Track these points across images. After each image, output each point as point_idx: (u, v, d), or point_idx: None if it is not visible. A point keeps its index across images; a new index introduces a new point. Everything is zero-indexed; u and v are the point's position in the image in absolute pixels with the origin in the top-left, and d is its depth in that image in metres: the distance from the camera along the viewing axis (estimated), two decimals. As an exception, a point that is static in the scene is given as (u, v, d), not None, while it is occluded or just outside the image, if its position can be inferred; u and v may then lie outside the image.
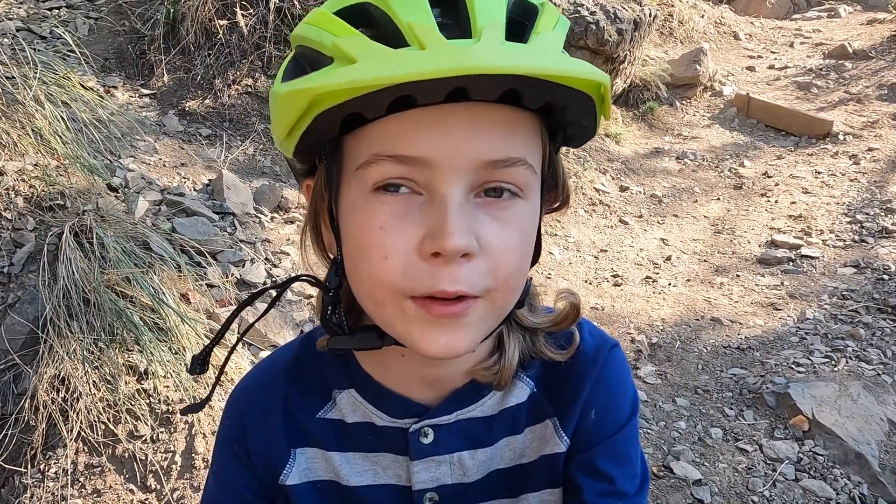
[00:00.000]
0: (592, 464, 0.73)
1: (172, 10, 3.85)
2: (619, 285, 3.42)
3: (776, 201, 4.37)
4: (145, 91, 3.71)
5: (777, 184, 4.60)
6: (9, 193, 2.31)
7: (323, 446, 0.75)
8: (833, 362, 2.64)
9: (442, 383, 0.73)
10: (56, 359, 1.90)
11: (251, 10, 3.85)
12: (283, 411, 0.76)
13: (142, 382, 1.96)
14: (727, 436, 2.30)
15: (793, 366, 2.63)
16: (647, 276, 3.52)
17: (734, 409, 2.44)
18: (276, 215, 3.12)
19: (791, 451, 2.19)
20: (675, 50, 6.40)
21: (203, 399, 0.80)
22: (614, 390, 0.75)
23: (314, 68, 0.56)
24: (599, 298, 3.28)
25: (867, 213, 4.05)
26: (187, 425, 1.92)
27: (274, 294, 0.78)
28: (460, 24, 0.54)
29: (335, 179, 0.62)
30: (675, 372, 2.70)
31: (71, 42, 3.02)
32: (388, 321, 0.61)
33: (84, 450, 1.85)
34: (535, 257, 0.66)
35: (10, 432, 1.84)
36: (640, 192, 4.58)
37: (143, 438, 1.88)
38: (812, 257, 3.61)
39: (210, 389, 0.79)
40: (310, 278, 0.71)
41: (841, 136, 5.12)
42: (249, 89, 3.79)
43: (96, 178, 2.57)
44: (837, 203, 4.25)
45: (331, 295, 0.66)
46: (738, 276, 3.52)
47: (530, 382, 0.75)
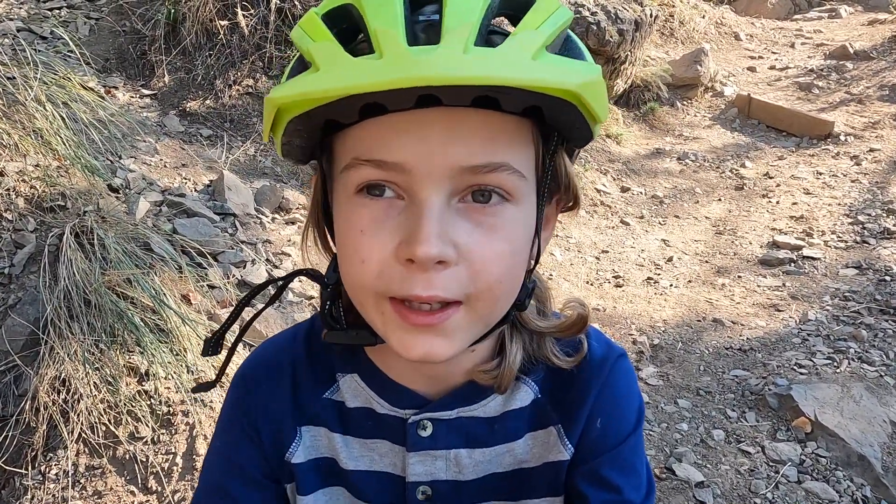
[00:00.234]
0: (598, 473, 0.73)
1: (173, 11, 3.84)
2: (620, 286, 3.42)
3: (777, 202, 4.37)
4: (146, 91, 3.71)
5: (778, 184, 4.60)
6: (9, 194, 2.31)
7: (328, 426, 0.75)
8: (835, 364, 2.64)
9: (441, 380, 0.73)
10: (57, 360, 1.89)
11: (252, 11, 3.85)
12: (292, 389, 0.76)
13: (143, 384, 1.96)
14: (729, 437, 2.30)
15: (795, 367, 2.62)
16: (649, 277, 3.51)
17: (736, 411, 2.43)
18: (277, 216, 3.11)
19: (794, 452, 2.19)
20: (676, 50, 6.40)
21: (213, 379, 0.80)
22: (620, 399, 0.75)
23: (301, 71, 0.57)
24: (601, 299, 3.28)
25: (869, 214, 4.05)
26: (188, 427, 1.91)
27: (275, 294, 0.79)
28: (436, 27, 0.53)
29: (329, 179, 0.64)
30: (676, 373, 2.70)
31: (71, 42, 3.01)
32: (371, 321, 0.62)
33: (85, 451, 1.85)
34: (536, 259, 0.65)
35: (10, 434, 1.84)
36: (642, 192, 4.57)
37: (144, 440, 1.87)
38: (814, 258, 3.61)
39: (217, 374, 0.79)
40: (310, 272, 0.71)
41: (842, 137, 5.12)
42: (250, 90, 3.79)
43: (97, 178, 2.57)
44: (839, 204, 4.25)
45: (329, 290, 0.67)
46: (739, 277, 3.51)
47: (535, 387, 0.74)
